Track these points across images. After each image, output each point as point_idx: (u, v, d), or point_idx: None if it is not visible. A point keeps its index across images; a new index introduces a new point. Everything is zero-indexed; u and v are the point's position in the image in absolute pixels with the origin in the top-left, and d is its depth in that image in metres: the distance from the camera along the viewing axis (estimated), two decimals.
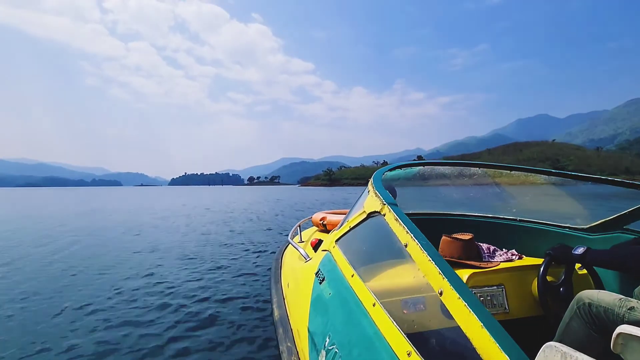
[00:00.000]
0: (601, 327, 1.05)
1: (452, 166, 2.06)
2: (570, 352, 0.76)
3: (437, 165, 2.00)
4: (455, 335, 0.72)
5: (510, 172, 2.06)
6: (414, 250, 0.92)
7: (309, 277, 1.66)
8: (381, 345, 0.91)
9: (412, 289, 1.23)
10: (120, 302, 3.66)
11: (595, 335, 1.06)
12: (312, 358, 1.30)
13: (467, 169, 2.10)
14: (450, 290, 0.74)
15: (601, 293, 1.10)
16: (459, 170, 2.09)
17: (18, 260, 5.68)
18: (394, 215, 1.10)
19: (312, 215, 3.50)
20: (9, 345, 2.76)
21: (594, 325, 1.06)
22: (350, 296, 1.18)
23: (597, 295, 1.09)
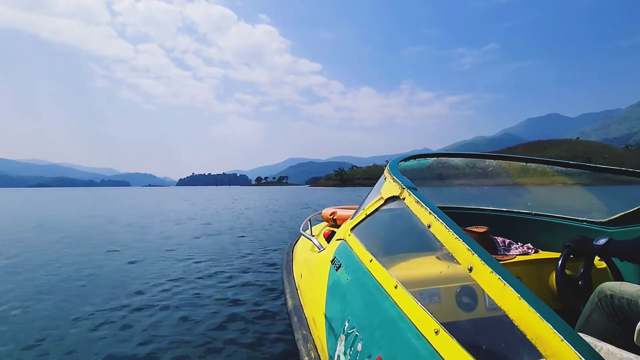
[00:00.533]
0: (623, 319, 1.04)
1: (467, 157, 2.04)
2: (595, 342, 0.74)
3: (451, 156, 1.99)
4: (473, 327, 0.70)
5: (527, 165, 2.04)
6: (438, 229, 0.92)
7: (324, 266, 1.67)
8: (405, 326, 0.91)
9: (428, 280, 1.24)
10: (154, 288, 4.13)
11: (617, 328, 1.05)
12: (330, 343, 1.30)
13: (482, 161, 2.08)
14: (481, 265, 0.73)
15: (624, 285, 1.08)
16: (473, 162, 2.07)
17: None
18: (414, 198, 1.11)
19: (321, 210, 3.63)
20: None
21: (616, 317, 1.05)
22: (369, 281, 1.19)
23: (619, 287, 1.08)
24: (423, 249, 1.33)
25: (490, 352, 0.77)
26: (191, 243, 7.35)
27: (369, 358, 0.99)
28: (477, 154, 2.03)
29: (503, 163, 2.07)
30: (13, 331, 2.99)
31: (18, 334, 2.94)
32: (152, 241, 7.61)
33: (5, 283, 4.40)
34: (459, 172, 2.08)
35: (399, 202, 1.22)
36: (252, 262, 5.49)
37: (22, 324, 3.15)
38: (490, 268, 0.70)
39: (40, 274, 4.85)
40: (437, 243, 0.97)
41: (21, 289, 4.18)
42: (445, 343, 0.78)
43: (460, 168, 2.05)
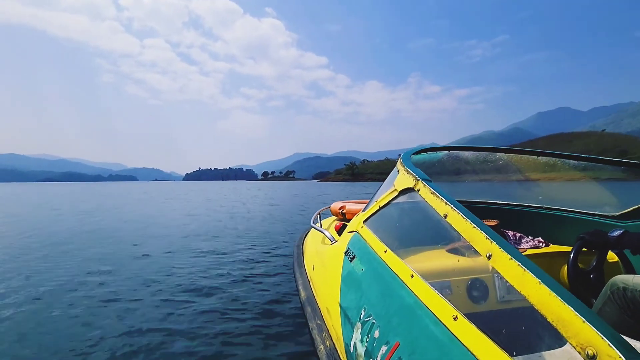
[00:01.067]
0: (636, 312, 1.05)
1: (478, 151, 2.04)
2: None
3: (462, 149, 1.99)
4: (486, 320, 0.71)
5: (538, 158, 2.02)
6: (455, 219, 0.93)
7: (337, 257, 1.68)
8: (423, 313, 0.92)
9: (439, 272, 1.25)
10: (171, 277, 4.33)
11: (629, 320, 1.06)
12: (346, 331, 1.31)
13: (493, 155, 2.07)
14: (500, 252, 0.74)
15: (637, 277, 1.09)
16: (484, 155, 2.06)
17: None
18: (429, 189, 1.11)
19: (330, 205, 3.68)
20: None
21: (629, 309, 1.06)
22: (384, 270, 1.20)
23: (632, 279, 1.08)
24: (436, 241, 1.34)
25: (510, 336, 0.78)
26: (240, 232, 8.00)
27: (386, 344, 1.00)
28: (489, 147, 2.04)
29: (514, 157, 2.07)
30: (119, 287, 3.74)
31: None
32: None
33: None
34: (470, 166, 2.08)
35: (413, 194, 1.24)
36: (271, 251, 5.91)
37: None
38: (509, 255, 0.71)
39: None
40: (451, 234, 0.99)
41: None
42: (465, 329, 0.79)
43: (471, 161, 2.05)
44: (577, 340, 0.55)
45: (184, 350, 2.51)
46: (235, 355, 2.48)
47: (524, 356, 0.80)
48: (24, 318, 3.10)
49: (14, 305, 3.41)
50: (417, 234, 1.47)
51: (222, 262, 5.14)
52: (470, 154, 2.02)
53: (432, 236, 1.35)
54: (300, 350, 2.53)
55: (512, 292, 1.26)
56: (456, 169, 2.12)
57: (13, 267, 4.83)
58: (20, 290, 3.86)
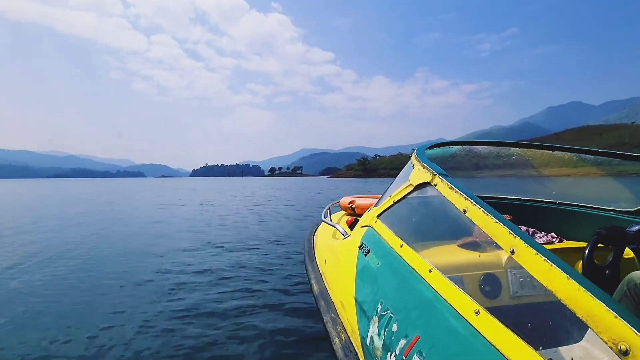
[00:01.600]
0: None
1: (492, 146, 2.02)
2: None
3: (476, 144, 1.97)
4: (499, 316, 0.73)
5: (552, 153, 1.99)
6: (475, 214, 0.92)
7: (351, 251, 1.68)
8: (443, 307, 0.92)
9: (451, 267, 1.24)
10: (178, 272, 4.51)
11: None
12: (362, 325, 1.31)
13: (506, 149, 2.05)
14: (525, 247, 0.73)
15: None
16: (497, 150, 2.04)
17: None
18: (447, 184, 1.11)
19: (339, 199, 3.73)
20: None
21: None
22: (401, 265, 1.20)
23: None
24: (451, 236, 1.35)
25: (535, 330, 0.78)
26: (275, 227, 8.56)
27: (405, 337, 1.00)
28: (502, 142, 2.02)
29: (528, 151, 2.05)
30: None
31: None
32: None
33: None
34: (483, 160, 2.08)
35: (429, 189, 1.23)
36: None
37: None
38: (534, 250, 0.70)
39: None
40: (466, 229, 1.00)
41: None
42: (487, 323, 0.78)
43: (484, 156, 2.04)
44: (608, 335, 0.55)
45: (195, 343, 2.57)
46: (252, 346, 2.56)
47: (544, 350, 0.80)
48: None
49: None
50: (433, 229, 1.47)
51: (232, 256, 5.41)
52: (484, 148, 2.01)
53: (447, 231, 1.36)
54: (314, 343, 2.59)
55: (525, 288, 1.25)
56: (469, 164, 2.11)
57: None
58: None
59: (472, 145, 1.93)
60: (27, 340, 2.66)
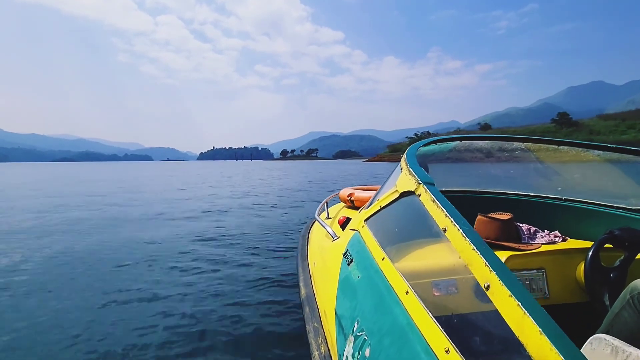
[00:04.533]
0: None
1: (492, 140, 1.93)
2: (623, 347, 0.68)
3: (475, 139, 1.88)
4: (491, 321, 0.67)
5: (558, 148, 1.90)
6: (454, 236, 0.85)
7: (337, 257, 1.59)
8: (415, 338, 0.85)
9: (444, 271, 1.17)
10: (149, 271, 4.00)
11: None
12: (340, 341, 1.25)
13: (509, 144, 1.95)
14: (499, 286, 0.65)
15: None
16: (499, 144, 1.94)
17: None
18: (430, 196, 1.02)
19: (339, 191, 3.52)
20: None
21: None
22: (380, 281, 1.13)
23: None
24: (437, 243, 1.28)
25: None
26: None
27: None
28: (504, 136, 1.93)
29: (532, 146, 1.94)
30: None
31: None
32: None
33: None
34: (484, 155, 1.98)
35: (414, 198, 1.14)
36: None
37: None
38: (509, 291, 0.63)
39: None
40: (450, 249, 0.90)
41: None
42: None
43: (485, 151, 1.95)
44: None
45: (165, 348, 2.35)
46: (231, 352, 2.36)
47: None
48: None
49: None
50: (419, 242, 1.35)
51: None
52: (485, 143, 1.91)
53: (434, 240, 1.28)
54: (295, 353, 2.37)
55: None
56: (469, 157, 2.00)
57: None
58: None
59: (471, 140, 1.84)
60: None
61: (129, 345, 2.40)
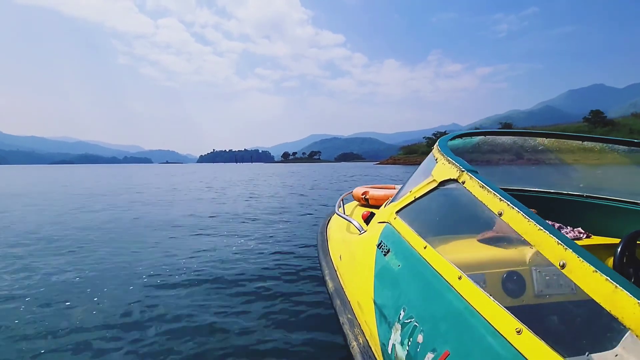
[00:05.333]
0: None
1: (516, 136, 1.92)
2: None
3: (499, 134, 1.87)
4: (564, 300, 0.66)
5: (582, 144, 1.86)
6: (513, 219, 0.84)
7: (369, 249, 1.60)
8: (477, 322, 0.84)
9: (472, 265, 1.17)
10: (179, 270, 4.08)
11: None
12: (382, 331, 1.23)
13: (532, 140, 1.93)
14: (579, 263, 0.63)
15: None
16: (522, 140, 1.93)
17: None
18: (477, 182, 1.02)
19: (352, 190, 3.65)
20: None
21: None
22: (425, 269, 1.12)
23: None
24: (472, 230, 1.28)
25: (563, 333, 0.72)
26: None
27: (433, 351, 0.93)
28: (528, 131, 1.91)
29: (555, 142, 1.91)
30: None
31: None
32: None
33: None
34: (507, 151, 1.97)
35: (456, 186, 1.15)
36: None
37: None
38: (592, 267, 0.61)
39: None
40: (491, 221, 0.91)
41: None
42: (532, 345, 0.70)
43: (508, 146, 1.93)
44: None
45: (205, 345, 2.41)
46: (269, 343, 2.44)
47: (575, 358, 0.73)
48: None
49: None
50: (462, 228, 1.38)
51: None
52: (508, 138, 1.90)
53: (468, 225, 1.29)
54: (331, 342, 2.45)
55: (551, 287, 1.17)
56: (491, 154, 1.99)
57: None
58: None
59: (495, 135, 1.84)
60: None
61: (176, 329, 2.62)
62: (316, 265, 3.84)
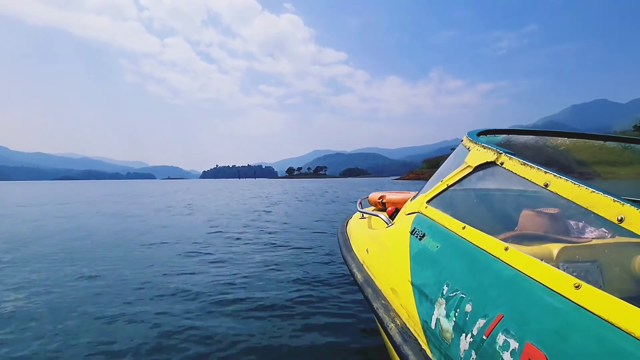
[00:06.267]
0: None
1: (539, 135, 1.92)
2: None
3: (523, 133, 1.90)
4: (622, 253, 0.67)
5: (604, 144, 1.84)
6: (562, 187, 0.85)
7: (401, 237, 1.68)
8: (529, 284, 0.87)
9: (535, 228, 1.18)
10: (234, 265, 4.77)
11: None
12: (424, 308, 1.28)
13: (554, 139, 1.92)
14: (637, 213, 0.66)
15: None
16: (544, 140, 1.92)
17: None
18: (518, 160, 1.04)
19: (368, 195, 3.91)
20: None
21: None
22: (466, 246, 1.17)
23: None
24: (494, 230, 1.27)
25: None
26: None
27: (484, 317, 0.96)
28: (552, 131, 1.91)
29: (578, 141, 1.90)
30: None
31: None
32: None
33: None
34: (529, 150, 1.97)
35: (494, 169, 1.18)
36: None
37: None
38: None
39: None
40: (514, 220, 0.93)
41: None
42: (592, 295, 0.72)
43: (530, 146, 1.93)
44: None
45: (238, 345, 2.58)
46: (313, 334, 2.71)
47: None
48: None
49: None
50: (501, 208, 1.41)
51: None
52: (530, 138, 1.92)
53: (520, 208, 1.30)
54: (365, 327, 2.80)
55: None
56: (513, 152, 2.00)
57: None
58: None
59: (517, 134, 1.87)
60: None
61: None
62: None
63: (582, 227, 1.53)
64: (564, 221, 1.54)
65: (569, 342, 0.73)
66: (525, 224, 1.40)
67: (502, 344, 0.87)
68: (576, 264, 1.18)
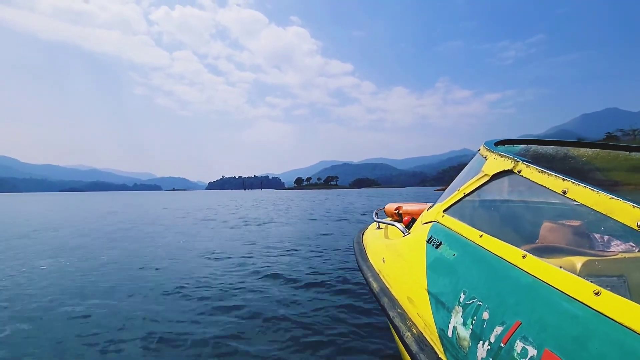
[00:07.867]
0: None
1: (560, 145, 1.85)
2: None
3: (542, 143, 1.84)
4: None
5: (630, 154, 1.75)
6: (580, 194, 0.84)
7: (418, 246, 1.68)
8: (547, 291, 0.86)
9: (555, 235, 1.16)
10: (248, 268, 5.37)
11: None
12: (441, 316, 1.27)
13: (576, 150, 1.84)
14: None
15: None
16: (565, 151, 1.83)
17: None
18: (535, 168, 1.04)
19: (384, 206, 4.00)
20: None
21: None
22: (484, 254, 1.16)
23: None
24: (515, 241, 1.23)
25: None
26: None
27: (502, 324, 0.94)
28: (573, 141, 1.85)
29: (602, 152, 1.81)
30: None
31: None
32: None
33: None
34: (548, 162, 1.89)
35: (511, 177, 1.18)
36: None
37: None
38: None
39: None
40: (534, 233, 0.93)
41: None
42: (612, 302, 0.70)
43: (550, 157, 1.85)
44: None
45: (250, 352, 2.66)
46: (327, 344, 2.76)
47: None
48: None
49: None
50: (519, 215, 1.40)
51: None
52: (551, 148, 1.85)
53: (538, 217, 1.28)
54: (380, 336, 2.87)
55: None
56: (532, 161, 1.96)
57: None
58: None
59: (537, 144, 1.81)
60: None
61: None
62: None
63: (607, 240, 1.47)
64: (587, 234, 1.48)
65: (589, 349, 0.72)
66: (546, 236, 1.36)
67: (520, 351, 0.86)
68: (601, 279, 1.14)
